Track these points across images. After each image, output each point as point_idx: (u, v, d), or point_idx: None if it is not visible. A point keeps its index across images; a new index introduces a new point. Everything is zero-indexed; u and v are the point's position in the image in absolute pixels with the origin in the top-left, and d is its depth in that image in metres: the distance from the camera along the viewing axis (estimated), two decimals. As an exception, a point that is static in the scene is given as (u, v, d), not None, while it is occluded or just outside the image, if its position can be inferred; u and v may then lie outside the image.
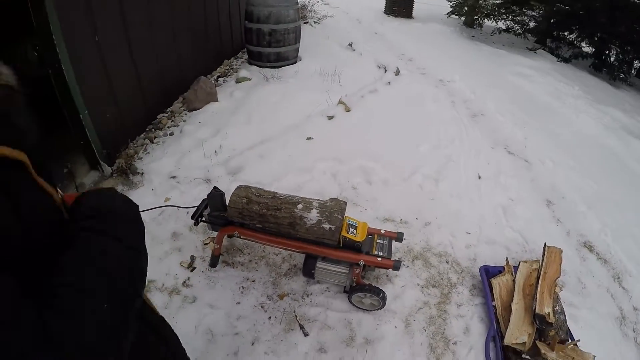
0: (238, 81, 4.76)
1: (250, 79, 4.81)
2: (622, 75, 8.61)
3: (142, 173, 3.08)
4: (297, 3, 5.29)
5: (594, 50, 9.75)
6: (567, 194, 3.55)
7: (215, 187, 2.15)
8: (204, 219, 2.23)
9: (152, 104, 3.73)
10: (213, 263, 2.38)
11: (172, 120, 3.85)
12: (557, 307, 2.20)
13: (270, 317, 2.14)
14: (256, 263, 2.44)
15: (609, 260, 2.96)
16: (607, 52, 9.36)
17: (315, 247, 2.03)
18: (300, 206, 2.00)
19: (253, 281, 2.32)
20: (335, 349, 2.03)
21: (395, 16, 11.00)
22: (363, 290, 2.07)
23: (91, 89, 2.78)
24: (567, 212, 3.34)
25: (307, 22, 7.95)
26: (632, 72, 9.31)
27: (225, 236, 2.29)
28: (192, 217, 2.20)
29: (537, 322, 2.06)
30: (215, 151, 3.37)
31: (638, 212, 3.62)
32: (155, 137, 3.53)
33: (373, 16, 10.31)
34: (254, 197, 2.04)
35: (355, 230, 2.02)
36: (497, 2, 10.42)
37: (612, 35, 8.61)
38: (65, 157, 3.12)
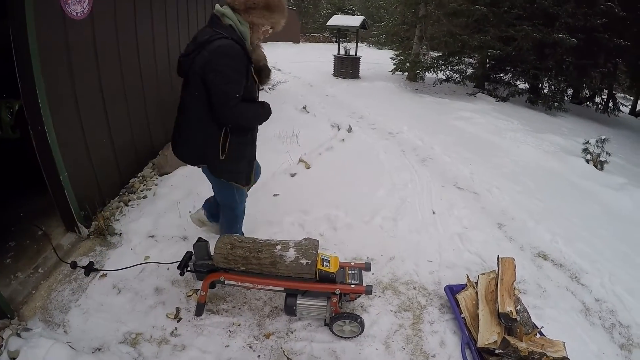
0: (204, 146, 5.05)
1: (215, 143, 5.12)
2: (556, 104, 9.53)
3: (121, 234, 3.22)
4: (254, 73, 5.77)
5: (528, 86, 10.79)
6: (516, 215, 3.98)
7: (199, 238, 2.38)
8: (189, 268, 2.41)
9: (124, 169, 3.93)
10: (199, 312, 2.50)
11: (144, 184, 4.04)
12: (519, 307, 2.43)
13: (259, 356, 2.27)
14: (239, 308, 2.60)
15: (563, 264, 3.30)
16: (540, 85, 10.39)
17: (295, 282, 2.27)
18: (279, 247, 2.27)
19: (239, 325, 2.46)
20: (324, 377, 2.19)
21: (344, 78, 11.91)
22: (342, 318, 2.29)
23: (70, 152, 2.96)
24: (518, 230, 3.73)
25: (262, 89, 8.48)
26: (566, 98, 10.31)
27: (208, 287, 2.47)
28: (178, 268, 2.39)
29: (503, 321, 2.29)
30: (190, 211, 3.56)
31: (584, 219, 4.07)
32: (129, 200, 3.70)
33: (323, 79, 11.09)
34: (237, 243, 2.29)
35: (328, 264, 2.29)
36: (435, 55, 11.43)
37: (543, 69, 9.59)
38: (38, 219, 3.23)
